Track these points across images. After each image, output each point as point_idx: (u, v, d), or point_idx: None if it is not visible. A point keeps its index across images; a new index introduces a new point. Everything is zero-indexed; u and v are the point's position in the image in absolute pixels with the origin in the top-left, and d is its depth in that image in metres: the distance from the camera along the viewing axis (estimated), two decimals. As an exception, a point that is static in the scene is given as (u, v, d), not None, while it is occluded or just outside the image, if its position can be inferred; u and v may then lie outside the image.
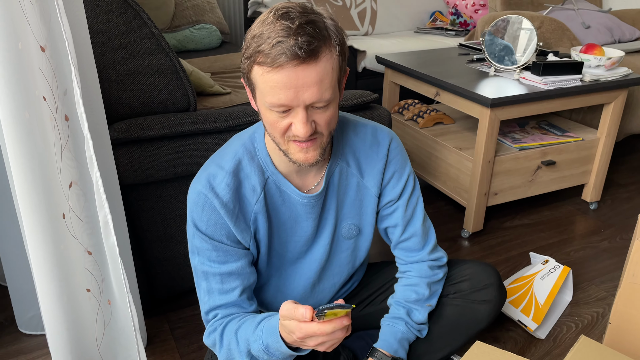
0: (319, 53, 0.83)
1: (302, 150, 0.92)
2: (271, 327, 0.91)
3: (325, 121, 0.90)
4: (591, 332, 1.52)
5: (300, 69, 0.82)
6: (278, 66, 0.82)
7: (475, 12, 3.43)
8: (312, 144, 0.91)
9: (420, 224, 1.15)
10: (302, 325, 0.82)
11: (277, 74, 0.82)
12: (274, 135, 0.92)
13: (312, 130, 0.88)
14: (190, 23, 3.05)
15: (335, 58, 0.86)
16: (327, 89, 0.85)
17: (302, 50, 0.81)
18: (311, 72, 0.83)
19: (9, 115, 0.97)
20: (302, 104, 0.85)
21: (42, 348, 1.44)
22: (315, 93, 0.84)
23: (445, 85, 1.89)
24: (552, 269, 1.60)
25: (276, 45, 0.81)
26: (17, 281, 1.42)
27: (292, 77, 0.82)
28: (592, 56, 1.97)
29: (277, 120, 0.88)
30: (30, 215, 1.04)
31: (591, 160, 2.11)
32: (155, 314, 1.57)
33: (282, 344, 0.89)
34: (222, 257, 1.02)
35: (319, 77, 0.84)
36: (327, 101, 0.87)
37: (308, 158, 0.93)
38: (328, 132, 0.93)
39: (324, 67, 0.84)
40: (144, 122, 1.33)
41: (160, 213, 1.43)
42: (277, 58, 0.81)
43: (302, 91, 0.83)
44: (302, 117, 0.86)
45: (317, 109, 0.88)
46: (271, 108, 0.87)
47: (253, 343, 0.94)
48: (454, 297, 1.19)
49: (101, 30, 1.28)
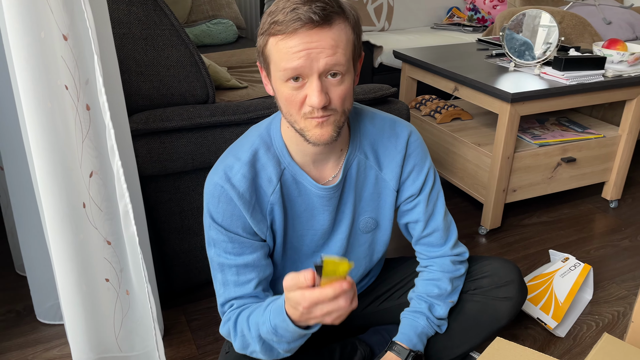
0: (332, 20, 0.85)
1: (317, 125, 0.90)
2: (278, 306, 0.89)
3: (339, 96, 0.89)
4: (612, 331, 1.49)
5: (314, 32, 0.83)
6: (292, 31, 0.83)
7: (493, 7, 3.39)
8: (327, 119, 0.90)
9: (441, 218, 1.13)
10: (305, 293, 0.80)
11: (291, 40, 0.84)
12: (290, 112, 0.91)
13: (326, 101, 0.88)
14: (206, 18, 3.05)
15: (349, 31, 0.88)
16: (341, 55, 0.86)
17: (317, 15, 0.82)
18: (325, 36, 0.84)
19: (32, 105, 0.97)
20: (315, 71, 0.85)
21: (60, 337, 1.45)
22: (329, 58, 0.85)
23: (464, 80, 1.87)
24: (572, 267, 1.57)
25: (290, 12, 0.83)
26: (36, 271, 1.43)
27: (306, 41, 0.83)
28: (614, 51, 1.93)
29: (292, 94, 0.88)
30: (51, 205, 1.04)
31: (612, 157, 2.07)
32: (171, 306, 1.57)
33: (290, 322, 0.87)
34: (238, 248, 1.01)
35: (334, 42, 0.85)
36: (341, 70, 0.87)
37: (323, 134, 0.91)
38: (342, 110, 0.92)
39: (338, 34, 0.86)
40: (163, 113, 1.33)
41: (178, 205, 1.43)
42: (290, 24, 0.83)
43: (316, 55, 0.84)
44: (316, 86, 0.86)
45: (331, 80, 0.87)
46: (286, 78, 0.87)
47: (262, 326, 0.93)
48: (474, 293, 1.18)
49: (122, 21, 1.28)
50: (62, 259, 1.09)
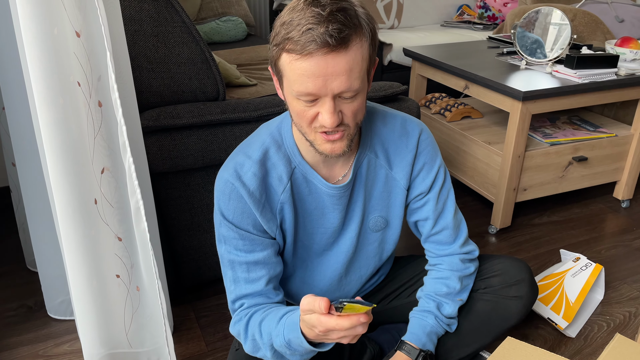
0: (349, 41, 0.81)
1: (328, 141, 0.91)
2: (293, 322, 0.90)
3: (352, 112, 0.88)
4: (623, 332, 1.48)
5: (330, 57, 0.81)
6: (307, 54, 0.80)
7: (504, 5, 3.37)
8: (340, 136, 0.90)
9: (451, 216, 1.13)
10: (322, 318, 0.81)
11: (306, 62, 0.81)
12: (301, 125, 0.91)
13: (339, 121, 0.87)
14: (216, 15, 3.06)
15: (366, 47, 0.85)
16: (356, 78, 0.84)
17: (333, 38, 0.79)
18: (341, 60, 0.81)
19: (45, 101, 0.97)
20: (330, 93, 0.84)
21: (71, 333, 1.46)
22: (344, 82, 0.83)
23: (475, 78, 1.86)
24: (583, 267, 1.56)
25: (306, 32, 0.80)
26: (48, 267, 1.44)
27: (321, 65, 0.81)
28: (628, 50, 1.91)
29: (304, 109, 0.87)
30: (63, 201, 1.05)
31: (624, 157, 2.05)
32: (181, 303, 1.58)
33: (303, 339, 0.88)
34: (249, 245, 1.02)
35: (348, 66, 0.82)
36: (355, 91, 0.85)
37: (335, 149, 0.92)
38: (355, 124, 0.91)
39: (354, 56, 0.83)
40: (173, 110, 1.33)
41: (188, 202, 1.43)
42: (306, 45, 0.80)
43: (331, 80, 0.82)
44: (329, 107, 0.85)
45: (344, 99, 0.86)
46: (299, 97, 0.86)
47: (275, 338, 0.94)
48: (484, 292, 1.17)
49: (133, 18, 1.28)
50: (73, 254, 1.10)
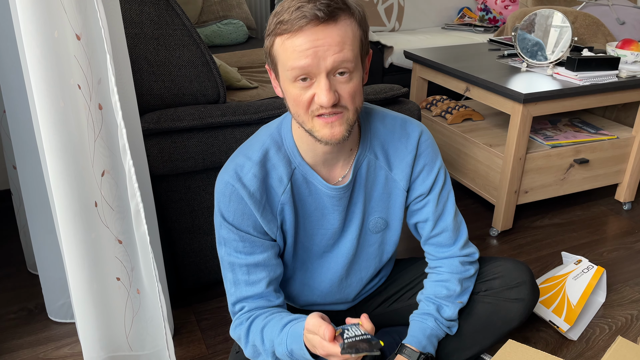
0: (338, 16, 0.84)
1: (327, 125, 0.90)
2: (296, 333, 0.91)
3: (348, 93, 0.88)
4: (625, 335, 1.47)
5: (320, 29, 0.83)
6: (298, 29, 0.83)
7: (505, 8, 3.37)
8: (338, 118, 0.89)
9: (451, 218, 1.12)
10: (324, 344, 0.83)
11: (297, 38, 0.83)
12: (299, 112, 0.90)
13: (335, 99, 0.87)
14: (217, 18, 3.06)
15: (356, 27, 0.87)
16: (348, 51, 0.85)
17: (322, 12, 0.82)
18: (331, 32, 0.84)
19: (45, 104, 0.97)
20: (323, 69, 0.85)
21: (71, 336, 1.46)
22: (336, 55, 0.84)
23: (476, 81, 1.86)
24: (585, 269, 1.56)
25: (295, 11, 0.83)
26: (48, 270, 1.44)
27: (312, 38, 0.83)
28: (629, 52, 1.91)
29: (300, 93, 0.88)
30: (63, 203, 1.05)
31: (626, 159, 2.05)
32: (181, 305, 1.58)
33: (306, 351, 0.90)
34: (249, 248, 1.02)
35: (339, 38, 0.84)
36: (348, 67, 0.86)
37: (334, 133, 0.90)
38: (354, 108, 0.91)
39: (344, 30, 0.85)
40: (174, 113, 1.33)
41: (188, 204, 1.43)
42: (296, 21, 0.83)
43: (323, 53, 0.84)
44: (324, 85, 0.85)
45: (339, 78, 0.87)
46: (293, 78, 0.86)
47: (278, 346, 0.95)
48: (485, 294, 1.16)
49: (134, 21, 1.28)
50: (73, 257, 1.10)
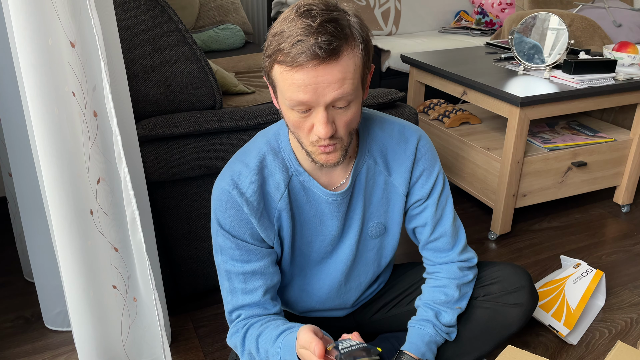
0: (339, 52, 0.81)
1: (323, 152, 0.91)
2: (289, 345, 0.92)
3: (344, 123, 0.89)
4: (625, 339, 1.47)
5: (321, 69, 0.81)
6: (297, 65, 0.81)
7: (501, 11, 3.38)
8: (333, 148, 0.91)
9: (450, 223, 1.12)
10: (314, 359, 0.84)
11: (296, 74, 0.81)
12: (299, 135, 0.91)
13: (332, 131, 0.87)
14: (214, 23, 3.06)
15: (359, 56, 0.85)
16: (348, 86, 0.84)
17: (322, 50, 0.79)
18: (332, 70, 0.81)
19: (39, 111, 0.97)
20: (322, 103, 0.84)
21: (68, 344, 1.45)
22: (335, 91, 0.83)
23: (472, 84, 1.86)
24: (584, 273, 1.55)
25: (296, 44, 0.80)
26: (44, 278, 1.43)
27: (311, 76, 0.81)
28: (625, 54, 1.91)
29: (300, 120, 0.88)
30: (59, 211, 1.04)
31: (624, 161, 2.05)
32: (179, 312, 1.57)
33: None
34: (245, 255, 1.01)
35: (340, 75, 0.82)
36: (348, 100, 0.85)
37: (329, 159, 0.92)
38: (347, 135, 0.92)
39: (346, 66, 0.82)
40: (170, 119, 1.33)
41: (185, 211, 1.42)
42: (296, 57, 0.80)
43: (322, 90, 0.82)
44: (322, 118, 0.85)
45: (338, 109, 0.86)
46: (291, 107, 0.86)
47: (272, 357, 0.95)
48: (483, 299, 1.16)
49: (129, 27, 1.28)
50: (69, 265, 1.09)
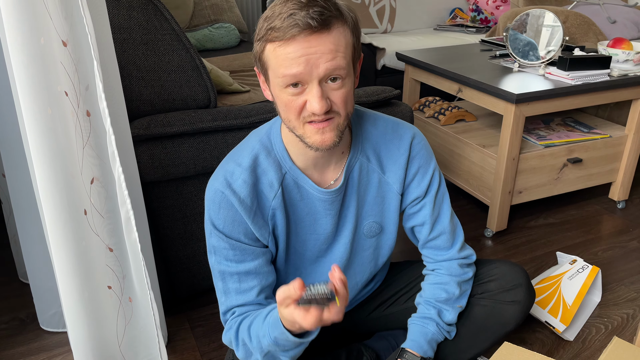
0: (331, 24, 0.83)
1: (318, 131, 0.89)
2: (274, 319, 0.90)
3: (340, 99, 0.88)
4: (621, 334, 1.47)
5: (313, 38, 0.82)
6: (291, 37, 0.81)
7: (496, 8, 3.38)
8: (329, 124, 0.89)
9: (448, 221, 1.12)
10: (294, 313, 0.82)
11: (289, 46, 0.82)
12: (289, 118, 0.90)
13: (327, 107, 0.86)
14: (208, 22, 3.05)
15: (348, 34, 0.86)
16: (341, 58, 0.84)
17: (315, 20, 0.81)
18: (324, 40, 0.82)
19: (32, 111, 0.96)
20: (315, 77, 0.84)
21: (63, 345, 1.44)
22: (328, 63, 0.83)
23: (468, 82, 1.86)
24: (580, 269, 1.55)
25: (288, 18, 0.81)
26: (39, 279, 1.42)
27: (304, 46, 0.82)
28: (620, 50, 1.91)
29: (292, 99, 0.86)
30: (52, 212, 1.03)
31: (619, 157, 2.05)
32: (175, 313, 1.56)
33: (288, 334, 0.88)
34: (239, 255, 1.00)
35: (333, 46, 0.83)
36: (341, 74, 0.85)
37: (325, 140, 0.90)
38: (345, 113, 0.90)
39: (337, 38, 0.84)
40: (164, 118, 1.32)
41: (180, 210, 1.42)
42: (289, 29, 0.81)
43: (316, 61, 0.82)
44: (316, 92, 0.84)
45: (331, 85, 0.86)
46: (284, 85, 0.85)
47: (262, 339, 0.93)
48: (481, 297, 1.16)
49: (122, 26, 1.27)
50: (64, 266, 1.08)
